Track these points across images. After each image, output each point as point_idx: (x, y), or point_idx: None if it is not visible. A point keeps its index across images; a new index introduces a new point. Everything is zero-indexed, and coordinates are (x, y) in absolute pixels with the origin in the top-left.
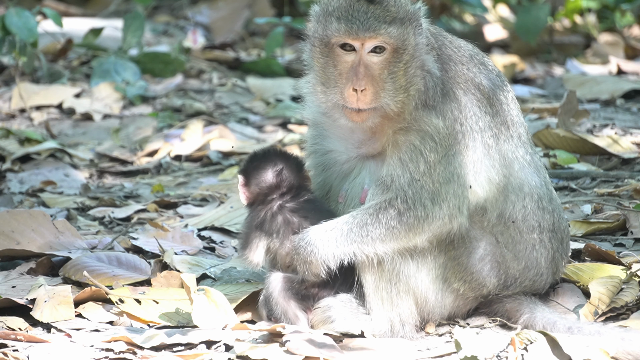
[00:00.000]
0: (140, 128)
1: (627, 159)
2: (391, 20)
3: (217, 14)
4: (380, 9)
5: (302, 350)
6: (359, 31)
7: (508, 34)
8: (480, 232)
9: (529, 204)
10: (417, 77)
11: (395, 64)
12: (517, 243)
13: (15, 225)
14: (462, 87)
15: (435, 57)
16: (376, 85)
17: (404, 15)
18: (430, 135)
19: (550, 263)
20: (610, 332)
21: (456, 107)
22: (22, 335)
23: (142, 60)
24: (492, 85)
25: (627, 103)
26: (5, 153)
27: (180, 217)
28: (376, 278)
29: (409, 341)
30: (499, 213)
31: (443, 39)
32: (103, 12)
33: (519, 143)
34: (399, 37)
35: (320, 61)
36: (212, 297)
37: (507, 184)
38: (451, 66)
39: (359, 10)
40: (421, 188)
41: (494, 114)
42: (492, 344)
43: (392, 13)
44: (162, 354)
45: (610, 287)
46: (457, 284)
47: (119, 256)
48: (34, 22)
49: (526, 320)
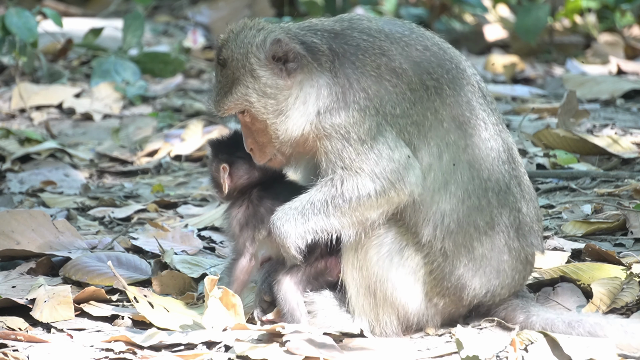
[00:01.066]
0: (140, 128)
1: (627, 159)
2: (230, 85)
3: (217, 14)
4: (225, 74)
5: (302, 350)
6: (213, 106)
7: (508, 34)
8: (433, 243)
9: (469, 200)
10: (289, 114)
11: (256, 120)
12: (466, 253)
13: (15, 225)
14: (372, 74)
15: (327, 59)
16: (259, 141)
17: (241, 70)
18: (335, 136)
19: (516, 260)
20: (611, 324)
21: (364, 96)
22: (22, 335)
23: (142, 60)
24: (416, 68)
25: (627, 103)
26: (5, 153)
27: (180, 217)
28: (357, 283)
29: (409, 341)
30: (435, 216)
31: (351, 32)
32: (103, 12)
33: (451, 127)
34: (240, 101)
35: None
36: (228, 299)
37: (444, 181)
38: (358, 56)
39: (216, 79)
40: (350, 168)
41: (414, 100)
42: (492, 344)
43: (229, 76)
44: (162, 354)
45: (611, 288)
46: (436, 299)
47: (119, 256)
48: (34, 22)
49: (523, 324)
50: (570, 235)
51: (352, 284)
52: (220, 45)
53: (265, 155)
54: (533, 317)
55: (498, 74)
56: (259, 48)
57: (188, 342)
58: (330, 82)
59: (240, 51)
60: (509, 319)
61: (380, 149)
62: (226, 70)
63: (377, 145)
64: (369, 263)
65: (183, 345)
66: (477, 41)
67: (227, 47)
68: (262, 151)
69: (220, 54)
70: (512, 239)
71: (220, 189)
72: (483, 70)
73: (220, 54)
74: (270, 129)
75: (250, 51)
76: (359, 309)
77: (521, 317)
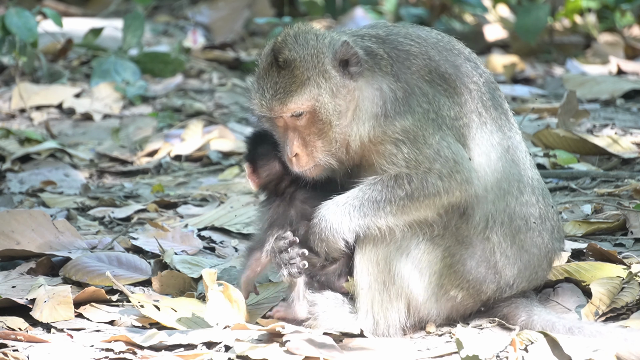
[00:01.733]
0: (140, 128)
1: (627, 159)
2: (299, 85)
3: (217, 14)
4: (289, 75)
5: (302, 350)
6: (270, 106)
7: (508, 34)
8: (473, 237)
9: (513, 198)
10: (350, 118)
11: (318, 121)
12: (509, 245)
13: (15, 225)
14: (426, 79)
15: (387, 63)
16: (308, 147)
17: (312, 70)
18: (402, 140)
19: (544, 257)
20: (611, 332)
21: (425, 100)
22: (22, 335)
23: (142, 60)
24: (458, 73)
25: (627, 103)
26: (5, 153)
27: (180, 217)
28: (372, 278)
29: (409, 341)
30: (487, 212)
31: (395, 37)
32: (103, 12)
33: (493, 129)
34: (310, 101)
35: (266, 124)
36: (229, 294)
37: (495, 179)
38: (412, 61)
39: (270, 80)
40: (417, 168)
41: (462, 103)
42: (493, 344)
43: (298, 76)
44: (162, 354)
45: (610, 288)
46: (453, 291)
47: (119, 256)
48: (34, 22)
49: (524, 323)
50: (570, 235)
51: (366, 278)
52: (279, 47)
53: (312, 161)
54: (534, 317)
55: (498, 74)
56: (329, 50)
57: (188, 342)
58: (393, 86)
59: (309, 52)
60: (511, 317)
61: (444, 151)
62: (290, 71)
63: (441, 147)
64: (388, 257)
65: (183, 345)
66: (477, 41)
67: (289, 49)
68: (310, 156)
69: (279, 56)
70: (550, 237)
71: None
72: None
73: (280, 55)
74: (334, 130)
75: (322, 52)
76: (367, 305)
77: (523, 315)
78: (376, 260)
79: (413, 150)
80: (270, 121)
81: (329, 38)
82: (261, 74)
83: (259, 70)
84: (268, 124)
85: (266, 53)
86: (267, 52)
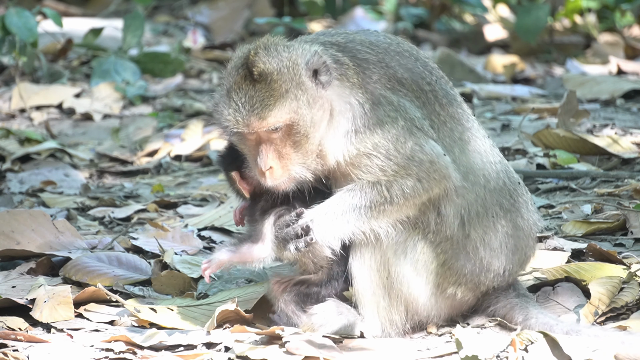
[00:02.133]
0: (140, 128)
1: (627, 159)
2: (277, 98)
3: (217, 14)
4: (265, 88)
5: (302, 350)
6: (247, 122)
7: (508, 34)
8: (455, 235)
9: (482, 188)
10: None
11: (295, 133)
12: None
13: (15, 225)
14: (388, 87)
15: (353, 73)
16: (282, 159)
17: (289, 83)
18: (375, 154)
19: (529, 236)
20: (609, 336)
21: (391, 108)
22: (22, 335)
23: (142, 60)
24: (413, 76)
25: (627, 103)
26: (5, 153)
27: (180, 217)
28: (373, 284)
29: (409, 341)
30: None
31: (353, 45)
32: (103, 12)
33: (453, 125)
34: (289, 114)
35: (233, 139)
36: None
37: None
38: (372, 70)
39: (245, 95)
40: (394, 176)
41: (421, 106)
42: (492, 344)
43: (276, 89)
44: (162, 354)
45: (609, 288)
46: (451, 289)
47: (119, 256)
48: (34, 22)
49: (521, 325)
50: (570, 235)
51: (368, 285)
52: (252, 60)
53: (286, 174)
54: (532, 320)
55: (498, 74)
56: (302, 60)
57: (188, 343)
58: (361, 99)
59: (284, 64)
60: (507, 319)
61: (418, 155)
62: (266, 84)
63: (414, 152)
64: (387, 262)
65: (183, 345)
66: (477, 41)
67: (263, 61)
68: (285, 169)
69: (254, 69)
70: (527, 213)
71: (244, 196)
72: (483, 70)
73: (254, 68)
74: (310, 142)
75: (296, 63)
76: (372, 311)
77: (520, 317)
78: (375, 267)
79: (387, 162)
80: (239, 136)
81: (300, 49)
82: (233, 88)
83: (230, 85)
84: (236, 139)
85: (236, 66)
86: (238, 65)
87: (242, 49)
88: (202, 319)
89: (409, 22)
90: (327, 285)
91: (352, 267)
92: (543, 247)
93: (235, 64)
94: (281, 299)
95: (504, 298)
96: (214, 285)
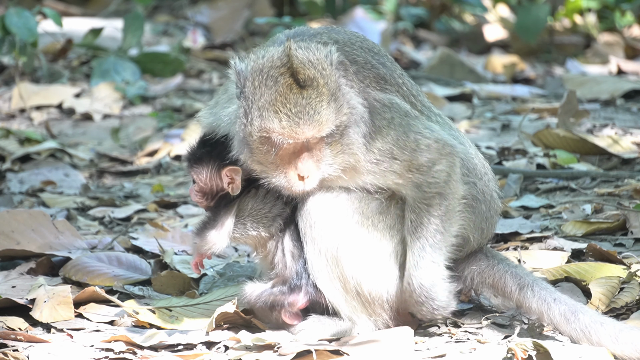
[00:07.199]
0: (140, 128)
1: (627, 159)
2: (328, 102)
3: (217, 14)
4: (315, 93)
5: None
6: (302, 130)
7: (508, 34)
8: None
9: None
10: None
11: (331, 136)
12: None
13: (15, 225)
14: (377, 88)
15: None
16: (317, 163)
17: (333, 84)
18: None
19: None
20: (606, 327)
21: (386, 109)
22: (22, 335)
23: (142, 60)
24: (387, 71)
25: (627, 103)
26: (5, 153)
27: (180, 217)
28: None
29: (409, 341)
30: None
31: (341, 46)
32: (103, 12)
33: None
34: (340, 117)
35: (256, 143)
36: None
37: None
38: (363, 73)
39: (294, 103)
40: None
41: (404, 97)
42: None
43: (325, 94)
44: (162, 354)
45: (609, 288)
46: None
47: (119, 256)
48: (34, 22)
49: (516, 299)
50: (570, 235)
51: (336, 293)
52: (296, 65)
53: (317, 179)
54: (527, 292)
55: (498, 74)
56: (327, 60)
57: (188, 342)
58: (361, 105)
59: (322, 66)
60: (500, 288)
61: (422, 141)
62: (314, 89)
63: (418, 142)
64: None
65: (183, 345)
66: (477, 41)
67: (305, 66)
68: (318, 172)
69: (298, 75)
70: (495, 186)
71: (228, 194)
72: (483, 70)
73: (299, 74)
74: (344, 142)
75: (333, 66)
76: (351, 312)
77: (513, 286)
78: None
79: (402, 163)
80: (277, 146)
81: (322, 49)
82: (278, 99)
83: (273, 96)
84: (264, 146)
85: (273, 76)
86: (275, 75)
87: (267, 56)
88: (201, 318)
89: (409, 22)
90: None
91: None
92: (543, 247)
93: (269, 74)
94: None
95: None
96: (216, 284)
